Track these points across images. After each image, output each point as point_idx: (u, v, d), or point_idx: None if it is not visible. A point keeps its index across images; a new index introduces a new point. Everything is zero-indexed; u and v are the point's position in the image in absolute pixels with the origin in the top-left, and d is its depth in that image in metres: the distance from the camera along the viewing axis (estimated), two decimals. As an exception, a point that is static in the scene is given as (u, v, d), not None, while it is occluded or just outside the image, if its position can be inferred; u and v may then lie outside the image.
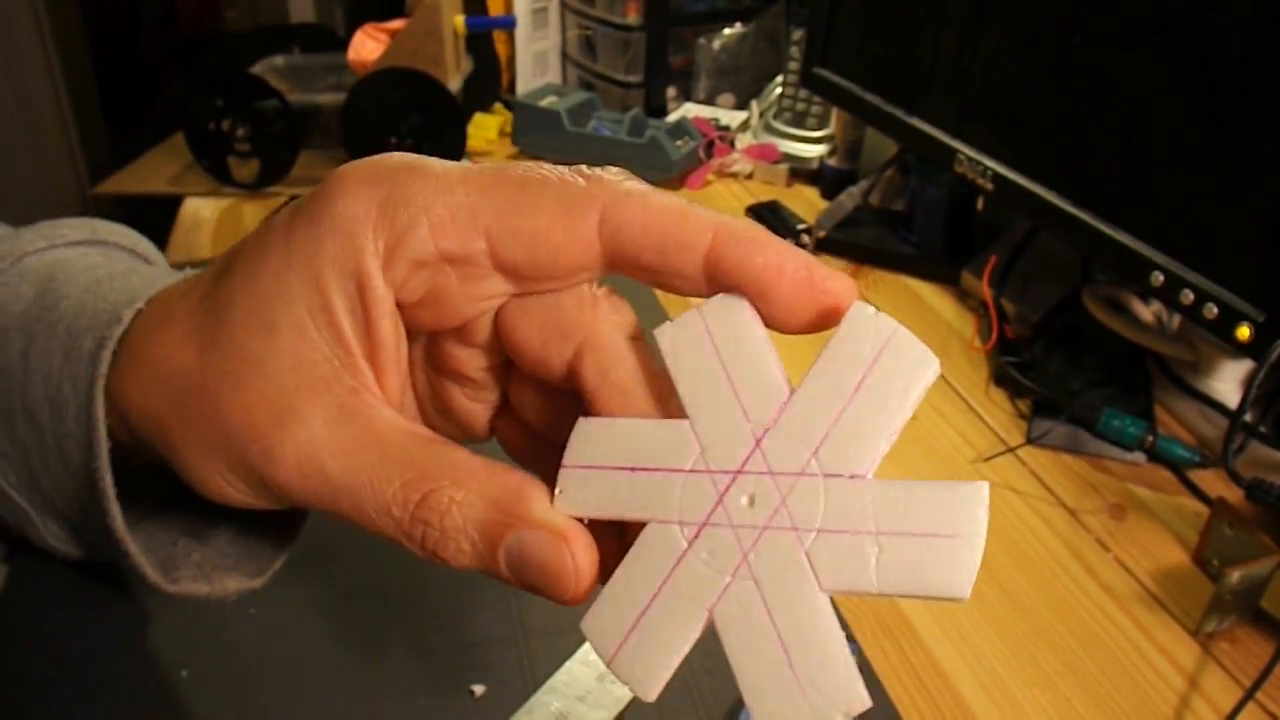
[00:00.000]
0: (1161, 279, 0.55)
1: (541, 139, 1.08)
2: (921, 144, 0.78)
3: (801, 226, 0.89)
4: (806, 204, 1.00)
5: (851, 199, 0.92)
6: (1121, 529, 0.57)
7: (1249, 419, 0.59)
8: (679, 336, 0.23)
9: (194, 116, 0.97)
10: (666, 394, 0.23)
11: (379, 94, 0.97)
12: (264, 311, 0.24)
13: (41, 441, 0.31)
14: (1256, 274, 0.51)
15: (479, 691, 0.42)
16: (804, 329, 0.22)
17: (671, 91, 1.24)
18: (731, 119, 1.14)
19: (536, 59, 1.28)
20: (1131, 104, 0.58)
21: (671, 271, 0.23)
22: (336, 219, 0.24)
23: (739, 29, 1.19)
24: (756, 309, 0.22)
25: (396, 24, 1.04)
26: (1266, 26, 0.49)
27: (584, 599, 0.23)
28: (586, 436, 0.23)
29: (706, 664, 0.43)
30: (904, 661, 0.47)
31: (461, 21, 1.05)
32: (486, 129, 1.14)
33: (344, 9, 1.83)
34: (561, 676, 0.42)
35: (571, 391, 0.25)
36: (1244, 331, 0.50)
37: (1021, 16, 0.67)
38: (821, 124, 1.06)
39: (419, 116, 0.97)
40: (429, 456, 0.23)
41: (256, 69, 1.10)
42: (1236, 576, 0.48)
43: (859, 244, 0.89)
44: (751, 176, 1.07)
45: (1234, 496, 0.54)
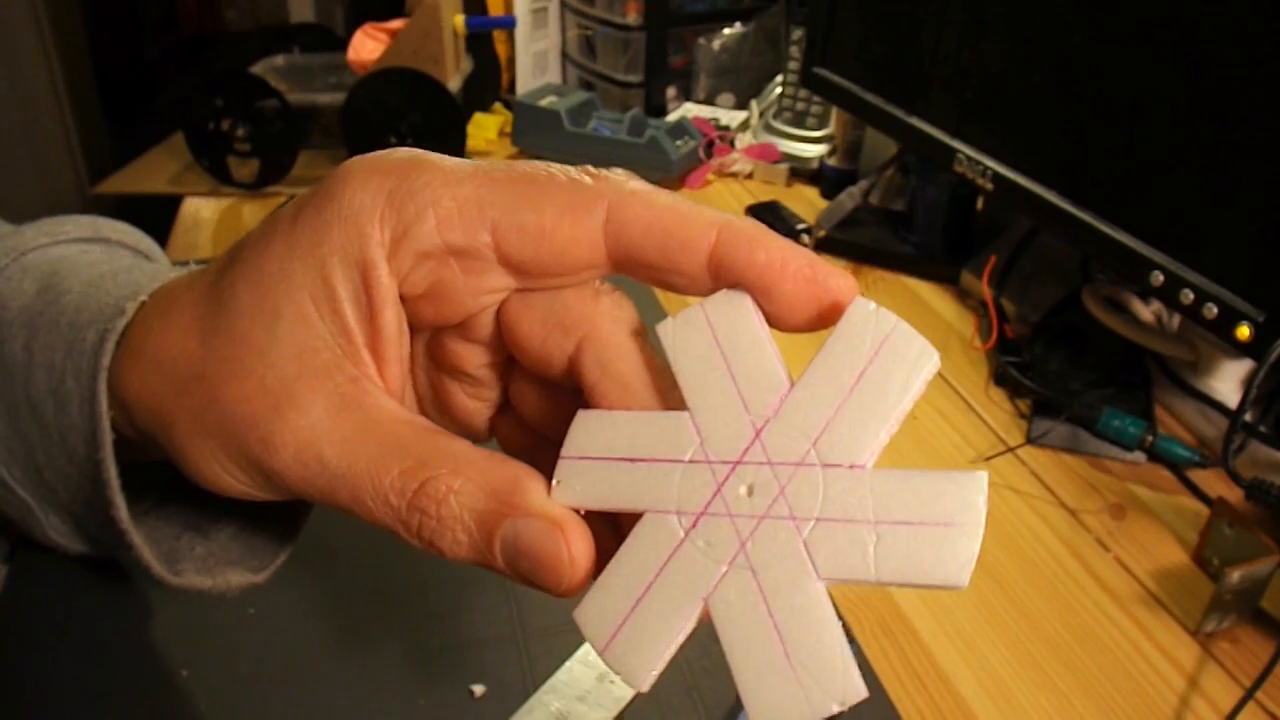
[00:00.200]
0: (1161, 279, 0.55)
1: (541, 139, 1.08)
2: (921, 144, 0.78)
3: (801, 226, 0.89)
4: (806, 204, 1.00)
5: (851, 199, 0.92)
6: (1121, 529, 0.57)
7: (1249, 419, 0.59)
8: (681, 330, 0.23)
9: (194, 116, 0.97)
10: (667, 389, 0.23)
11: (379, 94, 0.97)
12: (267, 299, 0.24)
13: (45, 434, 0.31)
14: (1256, 274, 0.51)
15: (479, 691, 0.42)
16: (806, 326, 0.22)
17: (671, 91, 1.24)
18: (731, 119, 1.14)
19: (536, 59, 1.28)
20: (1131, 104, 0.58)
21: (675, 269, 0.23)
22: (343, 208, 0.24)
23: (739, 29, 1.19)
24: (759, 306, 0.22)
25: (396, 24, 1.04)
26: (1266, 26, 0.49)
27: (577, 591, 0.22)
28: (585, 428, 0.23)
29: (706, 664, 0.43)
30: (904, 661, 0.47)
31: (461, 21, 1.05)
32: (486, 129, 1.14)
33: (344, 9, 1.83)
34: (561, 676, 0.42)
35: (572, 388, 0.25)
36: (1244, 331, 0.50)
37: (1021, 16, 0.67)
38: (821, 124, 1.06)
39: (419, 116, 0.97)
40: (428, 446, 0.23)
41: (256, 69, 1.10)
42: (1236, 576, 0.48)
43: (859, 244, 0.89)
44: (751, 176, 1.07)
45: (1234, 496, 0.54)
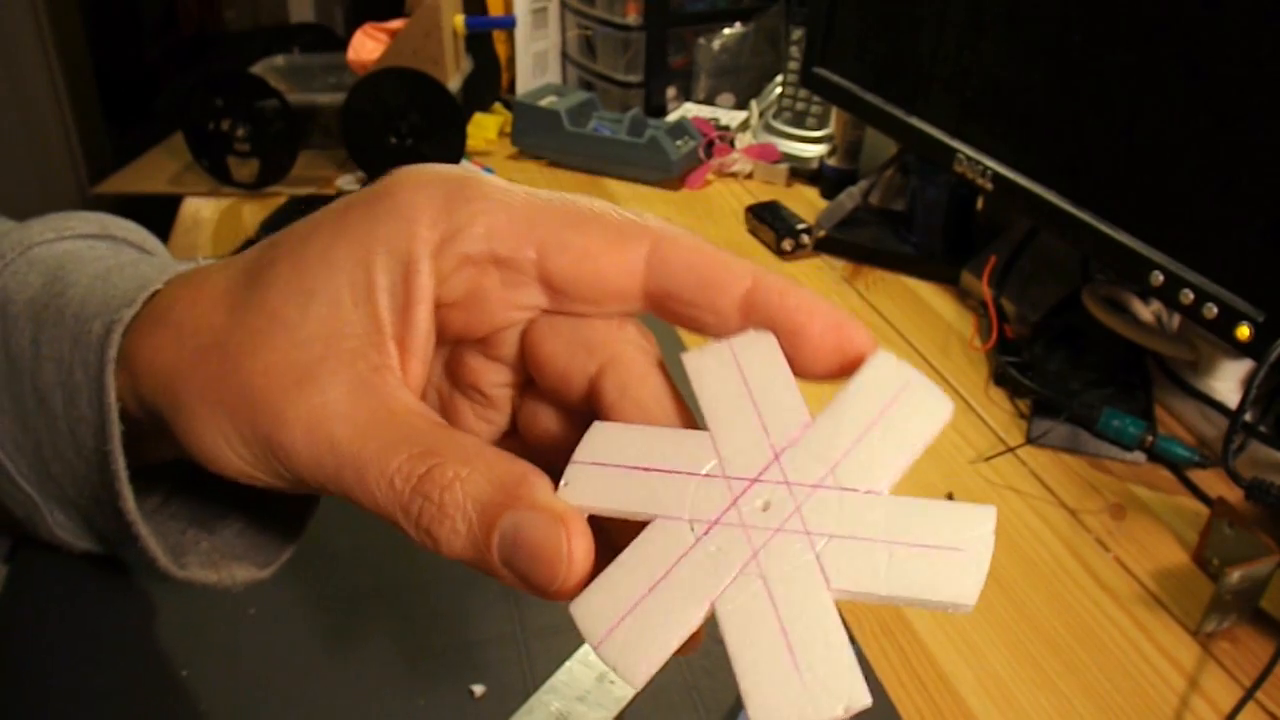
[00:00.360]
0: (1161, 279, 0.55)
1: (541, 139, 1.08)
2: (921, 144, 0.78)
3: (801, 226, 0.89)
4: (806, 204, 1.00)
5: (851, 199, 0.92)
6: (1121, 529, 0.57)
7: (1249, 419, 0.59)
8: (707, 361, 0.23)
9: (194, 116, 0.97)
10: (686, 417, 0.24)
11: (379, 94, 0.97)
12: (305, 279, 0.25)
13: (53, 426, 0.31)
14: (1256, 274, 0.51)
15: (479, 691, 0.42)
16: (827, 370, 0.23)
17: (671, 91, 1.24)
18: (731, 119, 1.14)
19: (536, 59, 1.28)
20: (1131, 104, 0.58)
21: (710, 306, 0.24)
22: (398, 205, 0.25)
23: (739, 29, 1.19)
24: (785, 348, 0.23)
25: (396, 24, 1.03)
26: (1266, 26, 0.49)
27: (569, 595, 0.22)
28: (601, 436, 0.23)
29: (706, 664, 0.43)
30: (904, 662, 0.47)
31: (461, 21, 1.05)
32: (486, 129, 1.14)
33: (344, 9, 1.83)
34: (561, 676, 0.42)
35: (587, 413, 0.25)
36: (1244, 331, 0.50)
37: (1021, 16, 0.67)
38: (821, 124, 1.06)
39: (419, 116, 0.97)
40: (440, 437, 0.24)
41: (256, 69, 1.10)
42: (1236, 576, 0.48)
43: (859, 244, 0.89)
44: (751, 176, 1.07)
45: (1234, 496, 0.54)
